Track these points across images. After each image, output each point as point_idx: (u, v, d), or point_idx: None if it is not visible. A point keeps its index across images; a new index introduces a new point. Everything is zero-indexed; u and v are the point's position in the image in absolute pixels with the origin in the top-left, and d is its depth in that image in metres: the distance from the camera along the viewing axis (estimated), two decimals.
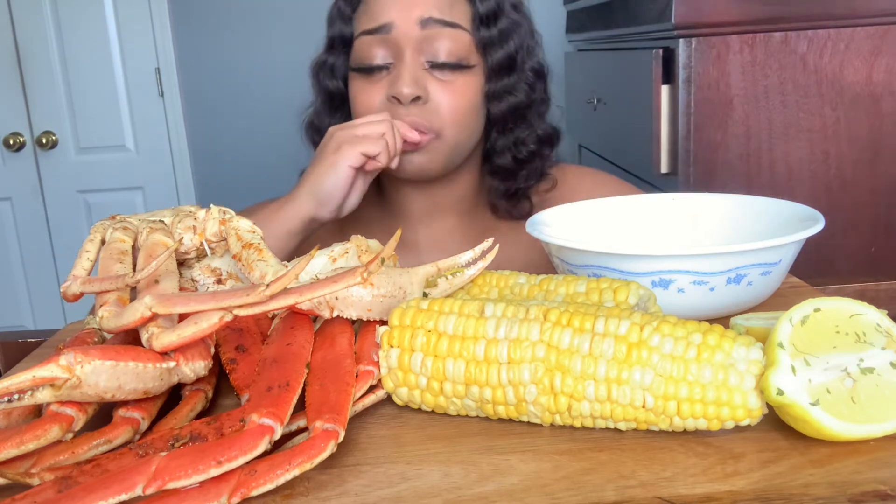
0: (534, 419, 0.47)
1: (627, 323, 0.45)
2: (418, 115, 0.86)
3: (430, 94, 0.86)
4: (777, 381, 0.42)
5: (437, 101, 0.86)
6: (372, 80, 0.88)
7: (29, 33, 2.56)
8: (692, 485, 0.40)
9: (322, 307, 0.53)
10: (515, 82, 0.91)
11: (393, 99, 0.86)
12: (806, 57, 1.27)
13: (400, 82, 0.85)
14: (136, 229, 0.61)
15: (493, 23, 0.89)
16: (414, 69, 0.85)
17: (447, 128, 0.87)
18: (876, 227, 1.33)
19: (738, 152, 1.30)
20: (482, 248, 0.60)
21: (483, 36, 0.88)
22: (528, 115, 0.93)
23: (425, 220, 0.98)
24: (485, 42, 0.89)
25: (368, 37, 0.87)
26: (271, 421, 0.42)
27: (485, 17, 0.88)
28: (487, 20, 0.89)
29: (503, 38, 0.90)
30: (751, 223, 0.72)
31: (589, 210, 0.78)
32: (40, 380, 0.42)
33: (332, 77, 0.93)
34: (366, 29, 0.87)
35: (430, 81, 0.86)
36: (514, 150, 0.94)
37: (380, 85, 0.87)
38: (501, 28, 0.90)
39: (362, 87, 0.89)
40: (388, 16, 0.86)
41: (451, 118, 0.87)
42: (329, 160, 0.82)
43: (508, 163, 0.94)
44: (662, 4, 1.29)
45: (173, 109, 2.66)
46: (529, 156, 0.94)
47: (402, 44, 0.86)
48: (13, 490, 0.43)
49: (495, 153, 0.95)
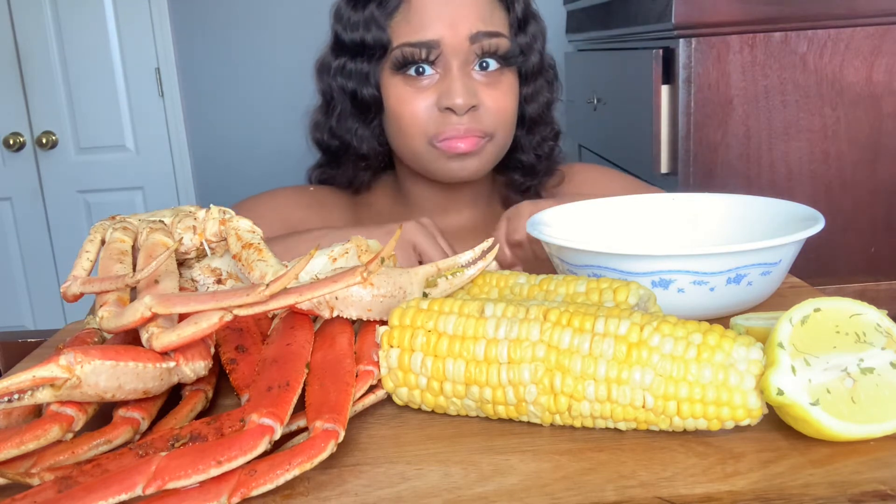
0: (534, 419, 0.47)
1: (627, 323, 0.45)
2: (471, 122, 0.88)
3: (482, 101, 0.88)
4: (777, 381, 0.42)
5: (488, 105, 0.89)
6: (417, 86, 0.88)
7: (29, 33, 2.56)
8: (692, 485, 0.40)
9: (322, 307, 0.53)
10: (544, 84, 0.96)
11: (445, 110, 0.87)
12: (806, 57, 1.28)
13: (453, 93, 0.86)
14: (136, 229, 0.61)
15: (525, 27, 0.93)
16: (464, 78, 0.87)
17: (499, 129, 0.90)
18: (876, 227, 1.33)
19: (738, 152, 1.30)
20: (482, 248, 0.60)
21: (521, 41, 0.92)
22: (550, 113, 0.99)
23: (440, 213, 0.99)
24: (522, 47, 0.92)
25: (413, 49, 0.87)
26: (271, 421, 0.42)
27: (521, 22, 0.92)
28: (522, 25, 0.92)
29: (534, 42, 0.94)
30: (751, 223, 0.72)
31: (589, 210, 0.78)
32: (40, 380, 0.42)
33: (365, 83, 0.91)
34: (409, 42, 0.87)
35: (479, 87, 0.88)
36: (538, 149, 0.98)
37: (427, 94, 0.88)
38: (532, 32, 0.93)
39: (408, 96, 0.89)
40: (434, 32, 0.86)
41: (502, 120, 0.90)
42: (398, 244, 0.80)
43: (532, 160, 0.98)
44: (662, 4, 1.29)
45: (173, 109, 2.66)
46: (550, 152, 0.99)
47: (450, 56, 0.87)
48: (13, 490, 0.43)
49: (522, 151, 0.98)
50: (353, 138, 0.95)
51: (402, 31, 0.88)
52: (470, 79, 0.88)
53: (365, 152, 0.95)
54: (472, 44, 0.87)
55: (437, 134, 0.88)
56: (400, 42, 0.88)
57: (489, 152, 0.91)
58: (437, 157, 0.90)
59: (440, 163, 0.90)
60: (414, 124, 0.89)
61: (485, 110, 0.89)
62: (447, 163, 0.90)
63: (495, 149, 0.92)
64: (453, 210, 0.99)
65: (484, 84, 0.89)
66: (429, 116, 0.88)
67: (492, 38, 0.88)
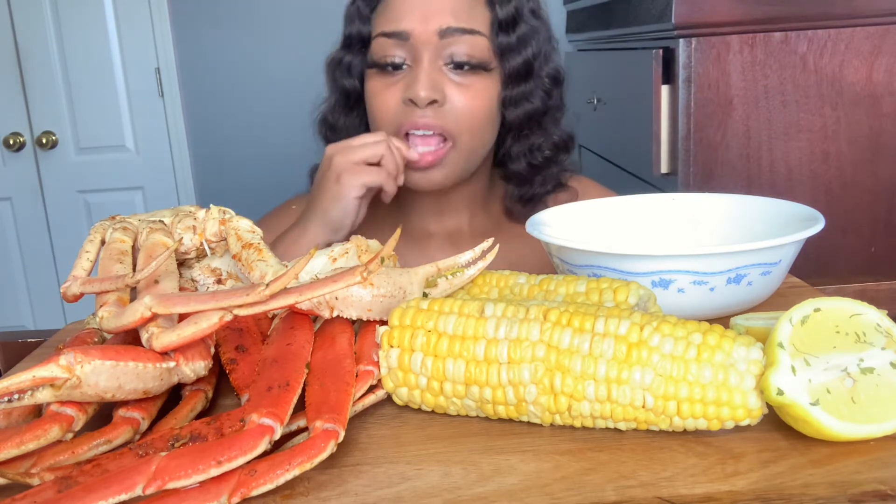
0: (534, 419, 0.47)
1: (627, 323, 0.45)
2: (433, 117, 0.86)
3: (446, 97, 0.86)
4: (777, 381, 0.42)
5: (454, 103, 0.86)
6: (389, 80, 0.88)
7: (29, 33, 2.56)
8: (692, 485, 0.40)
9: (322, 307, 0.53)
10: (532, 89, 0.91)
11: (409, 102, 0.86)
12: (806, 57, 1.27)
13: (417, 85, 0.85)
14: (136, 229, 0.61)
15: (511, 29, 0.89)
16: (431, 72, 0.86)
17: (463, 133, 0.87)
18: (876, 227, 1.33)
19: (738, 152, 1.30)
20: (482, 248, 0.59)
21: (501, 42, 0.88)
22: (543, 121, 0.94)
23: (435, 216, 0.98)
24: (503, 48, 0.89)
25: (386, 39, 0.87)
26: (271, 421, 0.42)
27: (504, 22, 0.88)
28: (506, 26, 0.89)
29: (521, 45, 0.90)
30: (751, 223, 0.72)
31: (589, 210, 0.78)
32: (40, 380, 0.42)
33: (348, 75, 0.93)
34: (384, 31, 0.87)
35: (447, 84, 0.86)
36: (528, 157, 0.94)
37: (397, 87, 0.87)
38: (520, 34, 0.89)
39: (379, 88, 0.89)
40: (406, 24, 0.86)
41: (467, 122, 0.87)
42: (332, 191, 0.83)
43: (523, 168, 0.95)
44: (662, 4, 1.29)
45: (173, 109, 2.66)
46: (545, 162, 0.95)
47: (420, 49, 0.86)
48: (13, 490, 0.43)
49: (510, 159, 0.95)
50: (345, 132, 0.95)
51: (380, 21, 0.88)
52: (438, 73, 0.86)
53: None
54: (440, 38, 0.85)
55: (399, 128, 0.87)
56: (377, 32, 0.88)
57: (453, 162, 0.88)
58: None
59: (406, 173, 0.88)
60: (382, 118, 0.89)
61: (450, 108, 0.86)
62: (411, 174, 0.88)
63: (460, 158, 0.89)
64: (448, 213, 0.98)
65: (455, 83, 0.87)
66: (395, 111, 0.87)
67: (464, 34, 0.86)
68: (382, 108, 0.88)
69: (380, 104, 0.88)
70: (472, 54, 0.86)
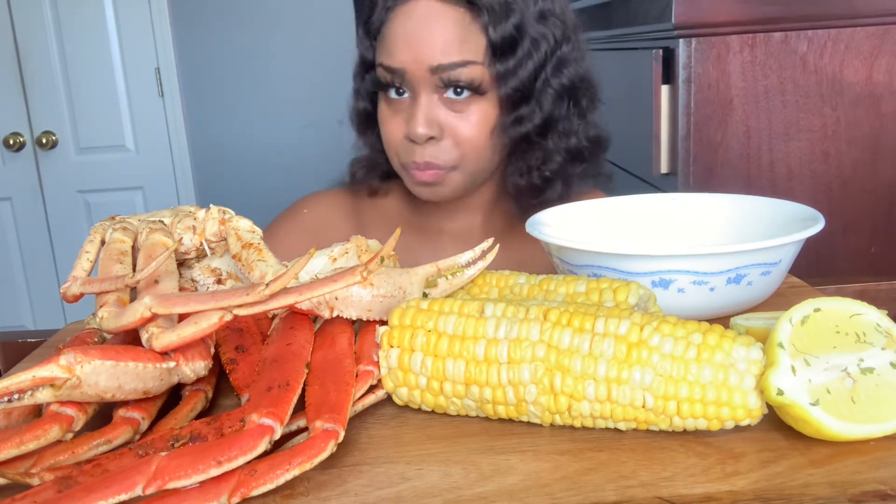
0: (534, 419, 0.47)
1: (627, 323, 0.45)
2: (432, 154, 0.87)
3: (444, 132, 0.87)
4: (777, 381, 0.42)
5: (452, 135, 0.87)
6: (395, 107, 0.89)
7: (29, 33, 2.56)
8: (692, 485, 0.40)
9: (322, 307, 0.53)
10: (531, 110, 0.88)
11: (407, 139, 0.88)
12: (806, 57, 1.27)
13: (414, 122, 0.86)
14: (136, 230, 0.61)
15: (509, 52, 0.86)
16: (428, 108, 0.86)
17: (463, 161, 0.89)
18: (876, 227, 1.33)
19: (738, 152, 1.30)
20: (482, 248, 0.59)
21: (498, 69, 0.86)
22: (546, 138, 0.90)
23: (448, 216, 0.99)
24: (499, 74, 0.86)
25: (383, 71, 0.88)
26: (271, 421, 0.42)
27: (499, 48, 0.85)
28: (502, 51, 0.85)
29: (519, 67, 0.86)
30: (751, 223, 0.72)
31: (589, 210, 0.78)
32: (40, 380, 0.42)
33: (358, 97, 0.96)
34: (381, 63, 0.88)
35: (445, 116, 0.87)
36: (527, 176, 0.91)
37: (399, 117, 0.89)
38: (519, 56, 0.86)
39: (386, 116, 0.91)
40: (399, 60, 0.86)
41: (466, 150, 0.88)
42: None
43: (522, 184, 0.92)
44: (662, 4, 1.29)
45: (173, 109, 2.66)
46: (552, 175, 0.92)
47: (415, 84, 0.86)
48: (13, 490, 0.43)
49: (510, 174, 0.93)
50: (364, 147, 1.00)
51: (379, 51, 0.89)
52: (435, 107, 0.86)
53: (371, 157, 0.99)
54: (432, 74, 0.85)
55: (404, 163, 0.90)
56: (378, 61, 0.89)
57: (455, 180, 0.90)
58: (409, 179, 0.91)
59: (413, 186, 0.92)
60: (390, 146, 0.92)
61: (447, 142, 0.87)
62: (418, 189, 0.91)
63: (463, 176, 0.90)
64: (462, 213, 0.99)
65: (452, 113, 0.86)
66: (398, 143, 0.90)
67: (455, 68, 0.84)
68: (389, 138, 0.91)
69: (387, 134, 0.91)
70: (469, 80, 0.85)
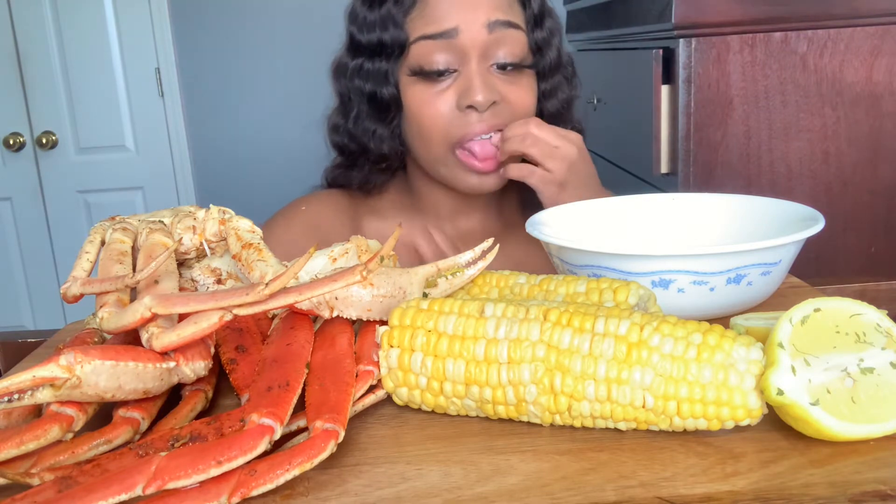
0: (534, 419, 0.47)
1: (627, 323, 0.45)
2: (493, 118, 0.86)
3: (502, 96, 0.87)
4: (777, 381, 0.42)
5: (510, 100, 0.87)
6: (435, 88, 0.87)
7: (29, 33, 2.56)
8: (692, 485, 0.40)
9: (322, 307, 0.53)
10: (561, 81, 0.94)
11: (466, 108, 0.86)
12: (806, 57, 1.27)
13: (474, 90, 0.84)
14: (136, 230, 0.61)
15: (542, 23, 0.91)
16: (483, 74, 0.86)
17: None
18: (876, 227, 1.33)
19: (738, 152, 1.30)
20: (482, 248, 0.59)
21: (537, 36, 0.90)
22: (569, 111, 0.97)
23: (451, 217, 0.98)
24: (538, 43, 0.90)
25: (429, 41, 0.86)
26: (271, 421, 0.42)
27: (537, 17, 0.90)
28: (539, 21, 0.91)
29: (551, 38, 0.92)
30: (751, 223, 0.72)
31: (589, 210, 0.78)
32: (40, 380, 0.42)
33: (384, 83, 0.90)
34: (426, 34, 0.86)
35: (499, 83, 0.87)
36: None
37: (446, 94, 0.86)
38: (549, 28, 0.92)
39: (426, 98, 0.87)
40: (452, 20, 0.85)
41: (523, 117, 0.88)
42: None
43: None
44: (662, 4, 1.29)
45: (173, 109, 2.66)
46: None
47: (469, 49, 0.85)
48: (13, 490, 0.43)
49: None
50: (370, 140, 0.94)
51: (419, 25, 0.87)
52: (490, 74, 0.87)
53: (385, 152, 0.94)
54: (490, 32, 0.85)
55: (460, 139, 0.87)
56: (417, 36, 0.87)
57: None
58: (456, 166, 0.89)
59: (459, 175, 0.89)
60: (435, 127, 0.88)
61: (505, 105, 0.87)
62: (466, 177, 0.89)
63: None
64: (465, 214, 0.98)
65: (504, 81, 0.87)
66: (450, 119, 0.86)
67: (509, 27, 0.86)
68: (435, 116, 0.87)
69: (432, 113, 0.87)
70: (515, 53, 0.87)
